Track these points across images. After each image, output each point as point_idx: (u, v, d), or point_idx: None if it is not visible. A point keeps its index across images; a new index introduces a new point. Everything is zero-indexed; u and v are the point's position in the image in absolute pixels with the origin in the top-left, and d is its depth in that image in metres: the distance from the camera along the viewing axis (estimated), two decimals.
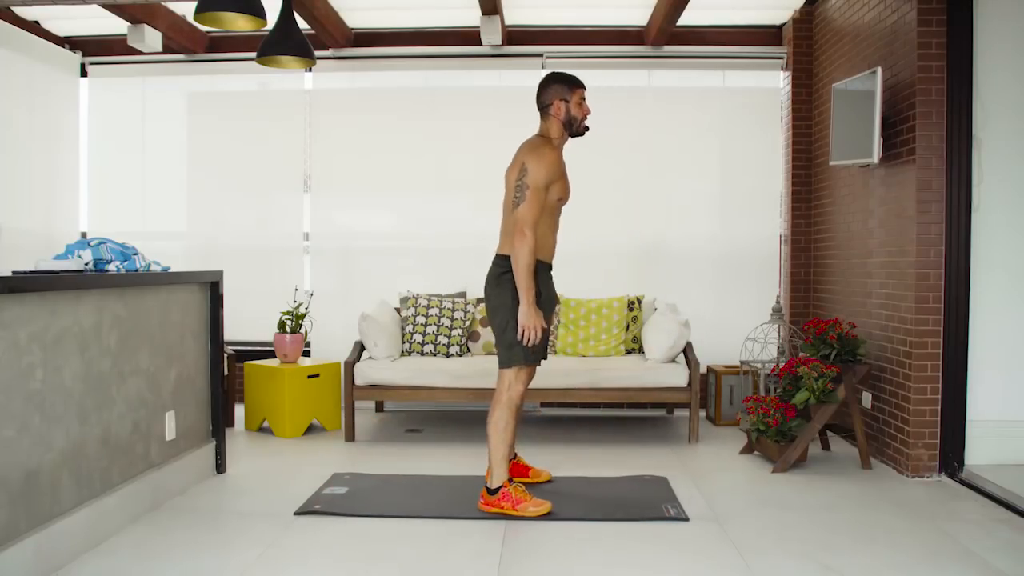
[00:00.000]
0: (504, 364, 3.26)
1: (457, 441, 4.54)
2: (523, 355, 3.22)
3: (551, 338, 5.05)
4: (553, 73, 3.38)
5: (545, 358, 3.37)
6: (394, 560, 2.75)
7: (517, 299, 3.21)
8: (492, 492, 3.23)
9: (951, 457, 3.76)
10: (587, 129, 3.38)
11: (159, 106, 5.77)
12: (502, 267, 3.28)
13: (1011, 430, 3.82)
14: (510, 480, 3.26)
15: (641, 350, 4.97)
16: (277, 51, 4.11)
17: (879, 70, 3.85)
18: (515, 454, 3.61)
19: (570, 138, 3.37)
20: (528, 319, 3.15)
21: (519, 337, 3.17)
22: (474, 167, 5.56)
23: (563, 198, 3.34)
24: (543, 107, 3.35)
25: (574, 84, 3.34)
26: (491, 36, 5.12)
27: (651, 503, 3.31)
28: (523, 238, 3.14)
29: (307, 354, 5.46)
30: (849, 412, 4.03)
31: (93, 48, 5.69)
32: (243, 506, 3.35)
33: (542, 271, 3.34)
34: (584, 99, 3.34)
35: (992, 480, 3.57)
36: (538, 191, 3.17)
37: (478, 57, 5.55)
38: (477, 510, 3.25)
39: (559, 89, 3.32)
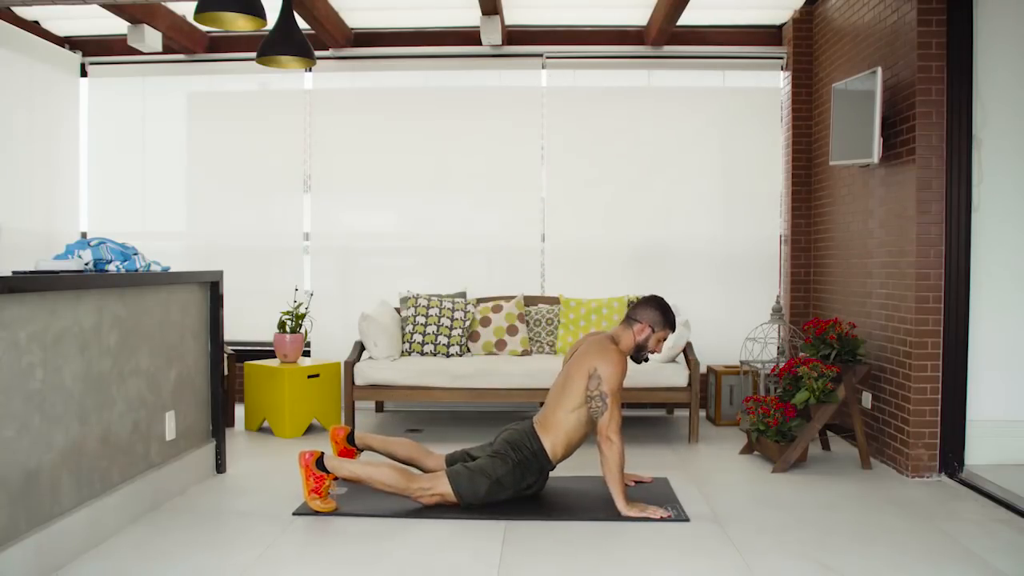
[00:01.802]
0: (455, 483, 3.20)
1: (457, 441, 4.53)
2: (467, 497, 3.20)
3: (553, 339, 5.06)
4: (660, 300, 3.40)
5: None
6: (394, 560, 2.75)
7: (516, 475, 3.25)
8: (320, 465, 3.21)
9: (951, 457, 3.76)
10: (646, 360, 3.42)
11: (159, 106, 5.77)
12: (535, 452, 3.30)
13: (1011, 430, 3.82)
14: (334, 479, 3.23)
15: None
16: (277, 51, 4.11)
17: (879, 70, 3.85)
18: (355, 444, 3.59)
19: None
20: (628, 511, 3.16)
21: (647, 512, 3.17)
22: (475, 167, 5.57)
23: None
24: (632, 319, 3.37)
25: (669, 324, 3.38)
26: (491, 36, 5.13)
27: (651, 503, 3.31)
28: (611, 444, 3.17)
29: (307, 354, 5.46)
30: (849, 412, 4.03)
31: (93, 48, 5.69)
32: (243, 506, 3.35)
33: (546, 472, 3.37)
34: (665, 340, 3.39)
35: (992, 480, 3.57)
36: (615, 396, 3.20)
37: (478, 57, 5.55)
38: (297, 457, 3.28)
39: (655, 317, 3.36)
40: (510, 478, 3.24)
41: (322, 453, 3.26)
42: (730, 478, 3.81)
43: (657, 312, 3.36)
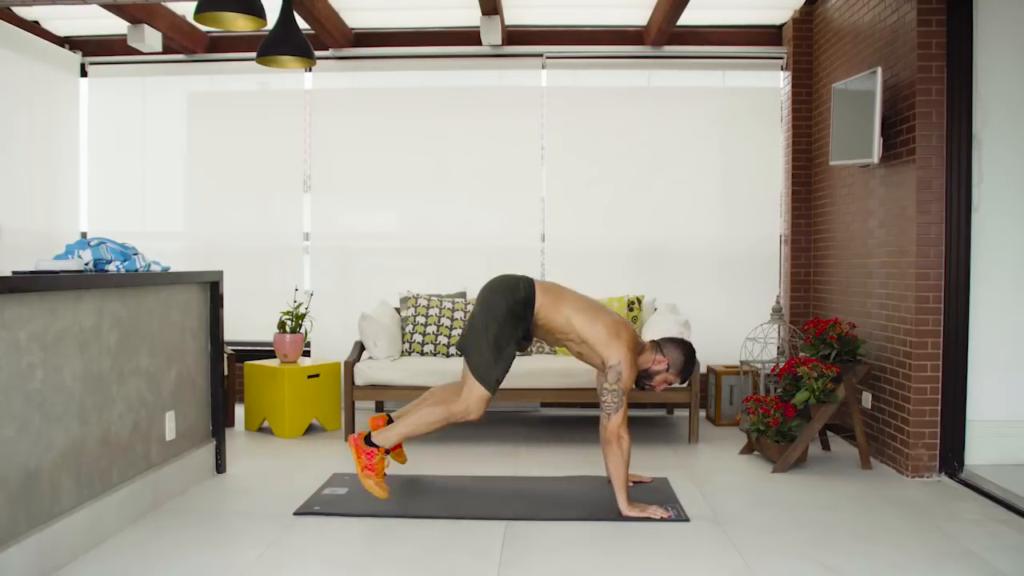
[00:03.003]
0: (476, 376, 3.24)
1: (457, 441, 4.54)
2: (492, 382, 3.23)
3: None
4: (691, 352, 3.40)
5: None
6: (394, 560, 2.75)
7: (510, 324, 3.24)
8: (368, 441, 3.28)
9: (951, 457, 3.76)
10: (643, 388, 3.41)
11: (159, 106, 5.77)
12: (526, 299, 3.28)
13: (1011, 430, 3.82)
14: (386, 452, 3.30)
15: None
16: (277, 51, 4.11)
17: (879, 70, 3.85)
18: (400, 445, 3.60)
19: (631, 386, 3.33)
20: (630, 510, 3.17)
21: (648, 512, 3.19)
22: (474, 167, 5.57)
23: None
24: (660, 347, 3.37)
25: (682, 374, 3.38)
26: (491, 36, 5.12)
27: (651, 503, 3.31)
28: (621, 442, 3.19)
29: (307, 354, 5.46)
30: (849, 412, 4.03)
31: (93, 48, 5.69)
32: (243, 506, 3.35)
33: (529, 322, 3.33)
34: (667, 384, 3.39)
35: (992, 480, 3.57)
36: (627, 395, 3.22)
37: (478, 57, 5.55)
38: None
39: (678, 362, 3.35)
40: (506, 330, 3.23)
41: (368, 432, 3.33)
42: (730, 478, 3.81)
43: (682, 358, 3.36)
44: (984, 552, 2.83)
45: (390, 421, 3.52)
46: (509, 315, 3.25)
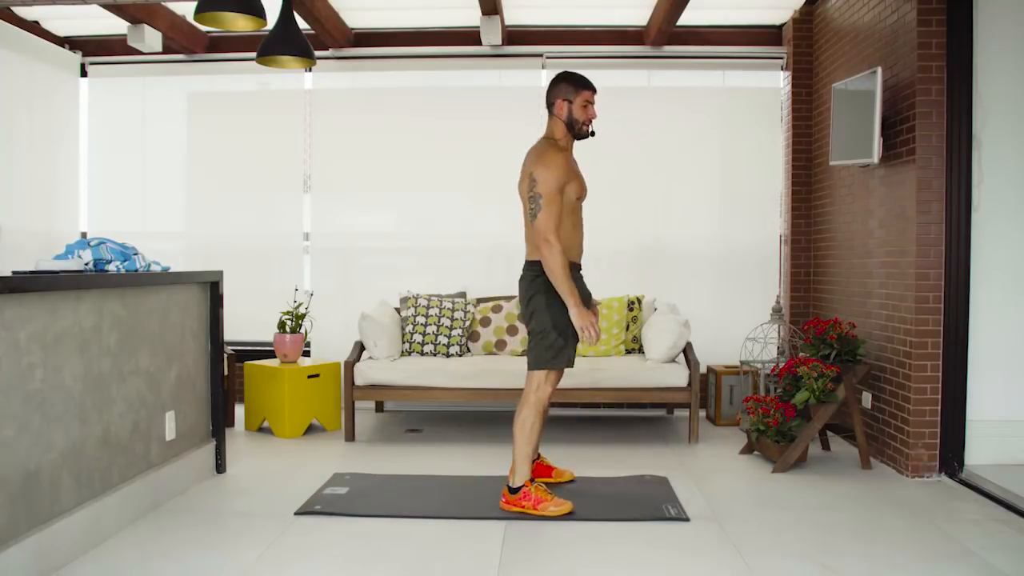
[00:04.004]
0: (534, 366, 3.26)
1: (457, 441, 4.54)
2: (554, 359, 3.22)
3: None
4: (563, 72, 3.33)
5: (572, 365, 3.33)
6: (394, 560, 2.75)
7: (553, 302, 3.20)
8: (513, 491, 3.24)
9: (951, 457, 3.76)
10: (591, 134, 3.33)
11: (159, 106, 5.77)
12: (533, 271, 3.27)
13: (1011, 430, 3.82)
14: (531, 480, 3.26)
15: (641, 350, 4.97)
16: (277, 51, 4.11)
17: (879, 70, 3.85)
18: (538, 455, 3.62)
19: (575, 140, 3.32)
20: (581, 319, 3.12)
21: (584, 339, 3.15)
22: (474, 167, 5.57)
23: (580, 196, 3.33)
24: (548, 106, 3.33)
25: (580, 85, 3.28)
26: (491, 36, 5.12)
27: (651, 503, 3.31)
28: (549, 246, 3.12)
29: (307, 354, 5.46)
30: (849, 412, 4.03)
31: (93, 48, 5.69)
32: (243, 506, 3.35)
33: (572, 271, 3.30)
34: (590, 102, 3.29)
35: (992, 480, 3.57)
36: (551, 197, 3.15)
37: (478, 57, 5.54)
38: (499, 509, 3.24)
39: (564, 89, 3.28)
40: (556, 311, 3.19)
41: (507, 485, 3.27)
42: (730, 478, 3.81)
43: (562, 83, 3.27)
44: (984, 552, 2.83)
45: (544, 461, 3.62)
46: (547, 296, 3.19)
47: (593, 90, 3.32)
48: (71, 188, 5.66)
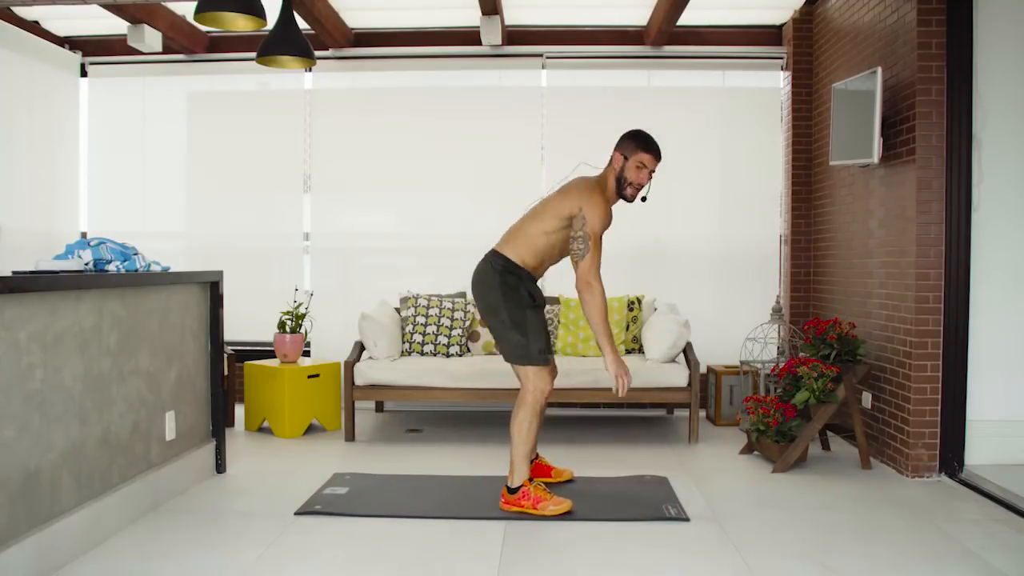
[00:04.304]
0: (518, 361, 3.26)
1: (457, 441, 4.54)
2: (535, 355, 3.22)
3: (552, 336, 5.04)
4: (636, 130, 3.32)
5: (547, 362, 3.34)
6: (394, 560, 2.75)
7: (508, 299, 3.21)
8: (512, 491, 3.24)
9: (951, 457, 3.76)
10: (634, 198, 3.32)
11: (159, 106, 5.77)
12: (503, 267, 3.26)
13: (1011, 430, 3.82)
14: (530, 479, 3.26)
15: (641, 350, 4.97)
16: (277, 51, 4.11)
17: (879, 70, 3.85)
18: (536, 454, 3.62)
19: (618, 198, 3.30)
20: (616, 367, 3.14)
21: (615, 389, 3.16)
22: (474, 167, 5.57)
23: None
24: (610, 160, 3.33)
25: (642, 146, 3.26)
26: (491, 36, 5.12)
27: (651, 503, 3.31)
28: (591, 289, 3.15)
29: (307, 354, 5.46)
30: (849, 412, 4.03)
31: (93, 48, 5.69)
32: (243, 506, 3.35)
33: (528, 279, 3.31)
34: (645, 166, 3.27)
35: (992, 480, 3.57)
36: (597, 241, 3.19)
37: (478, 57, 5.55)
38: (498, 509, 3.24)
39: (627, 144, 3.29)
40: (511, 307, 3.20)
41: (505, 486, 3.28)
42: (730, 478, 3.81)
43: (627, 139, 3.28)
44: (984, 552, 2.83)
45: (542, 461, 3.62)
46: (504, 290, 3.22)
47: (654, 156, 3.29)
48: (71, 188, 5.66)
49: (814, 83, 5.24)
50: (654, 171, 3.32)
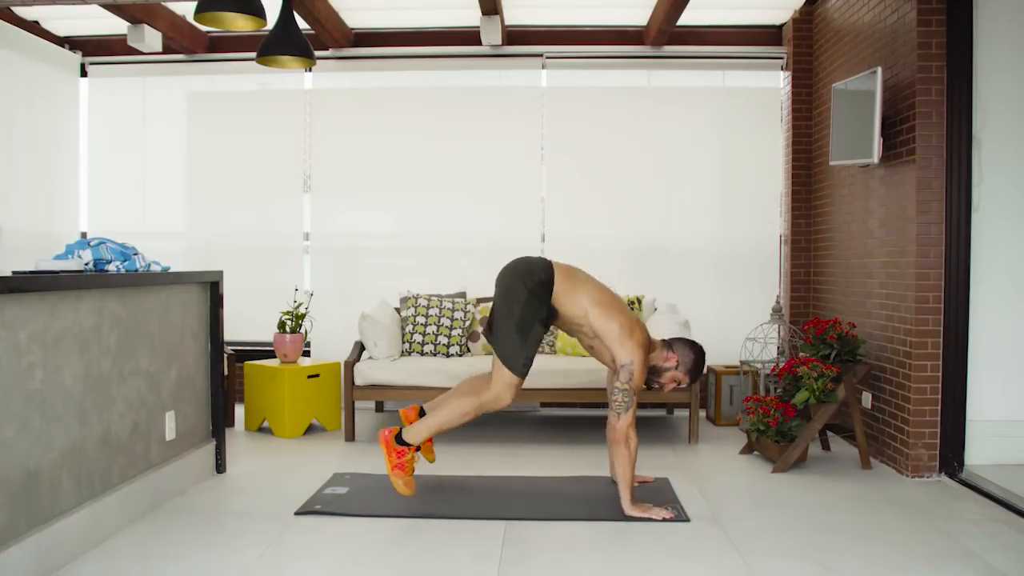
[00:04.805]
0: (502, 360, 3.23)
1: (457, 441, 4.54)
2: (520, 365, 3.22)
3: (552, 340, 5.05)
4: (701, 354, 3.38)
5: (522, 375, 3.31)
6: (394, 560, 2.75)
7: (533, 305, 3.21)
8: (399, 440, 3.28)
9: (951, 457, 3.76)
10: (651, 387, 3.39)
11: (159, 106, 5.77)
12: (542, 283, 3.25)
13: (1011, 430, 3.82)
14: (417, 448, 3.31)
15: None
16: (277, 51, 4.11)
17: (879, 70, 3.85)
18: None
19: (642, 386, 3.33)
20: (633, 511, 3.17)
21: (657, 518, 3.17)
22: (474, 167, 5.57)
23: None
24: (670, 345, 3.36)
25: (691, 374, 3.35)
26: (491, 36, 5.12)
27: (651, 503, 3.31)
28: (629, 444, 3.18)
29: (307, 354, 5.46)
30: (849, 412, 4.03)
31: (93, 48, 5.69)
32: (243, 506, 3.35)
33: (551, 314, 3.30)
34: (679, 384, 3.37)
35: (992, 480, 3.57)
36: (637, 395, 3.21)
37: (478, 57, 5.55)
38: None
39: (688, 361, 3.33)
40: (527, 310, 3.20)
41: (400, 428, 3.31)
42: (730, 478, 3.81)
43: (692, 356, 3.35)
44: (984, 552, 2.83)
45: (422, 412, 3.49)
46: (530, 296, 3.22)
47: (691, 382, 3.41)
48: (71, 188, 5.66)
49: (814, 83, 5.24)
50: None
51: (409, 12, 5.33)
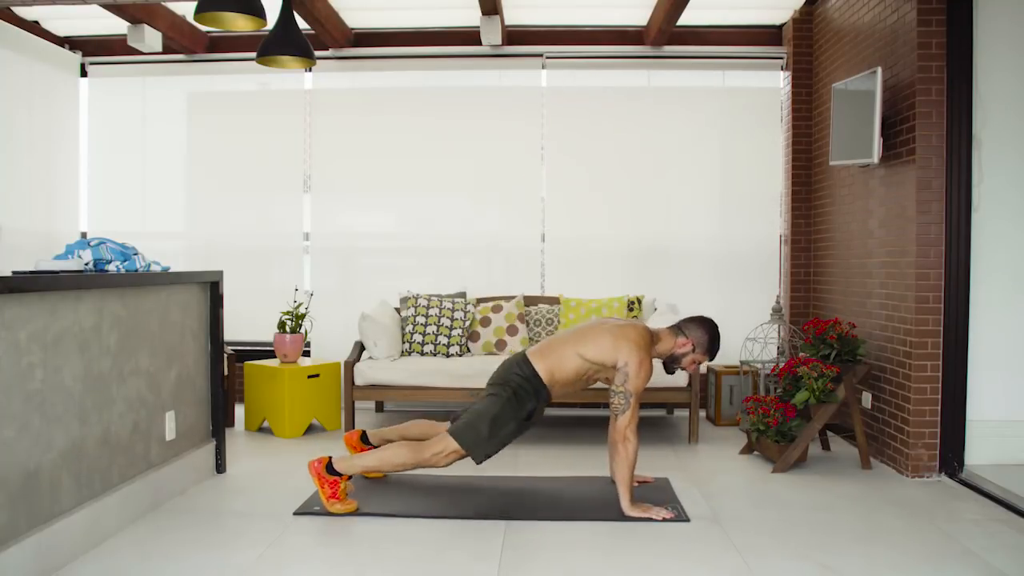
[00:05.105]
0: (459, 438, 3.23)
1: None
2: (478, 452, 3.23)
3: None
4: (714, 327, 3.39)
5: (478, 463, 3.33)
6: (394, 560, 2.75)
7: (512, 406, 3.25)
8: (331, 471, 3.23)
9: (951, 457, 3.76)
10: (673, 372, 3.45)
11: (159, 106, 5.77)
12: (526, 377, 3.29)
13: (1011, 430, 3.82)
14: (349, 478, 3.27)
15: None
16: (277, 51, 4.11)
17: (879, 70, 3.85)
18: (370, 443, 3.65)
19: (658, 358, 3.38)
20: (633, 511, 3.16)
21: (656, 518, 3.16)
22: (474, 167, 5.57)
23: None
24: (680, 329, 3.37)
25: (709, 351, 3.37)
26: (491, 36, 5.12)
27: (651, 503, 3.31)
28: (628, 444, 3.18)
29: (307, 354, 5.46)
30: (849, 412, 4.03)
31: (93, 48, 5.69)
32: (243, 506, 3.35)
33: (543, 399, 3.33)
34: (699, 363, 3.40)
35: (992, 480, 3.57)
36: (639, 397, 3.21)
37: (478, 57, 5.55)
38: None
39: (702, 340, 3.35)
40: (508, 409, 3.24)
41: (330, 458, 3.26)
42: (730, 478, 3.81)
43: (706, 336, 3.36)
44: (984, 552, 2.83)
45: (364, 436, 3.58)
46: (513, 396, 3.26)
47: (710, 360, 3.44)
48: (71, 188, 5.66)
49: (814, 83, 5.24)
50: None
51: (409, 12, 5.33)
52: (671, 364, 3.39)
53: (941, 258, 3.75)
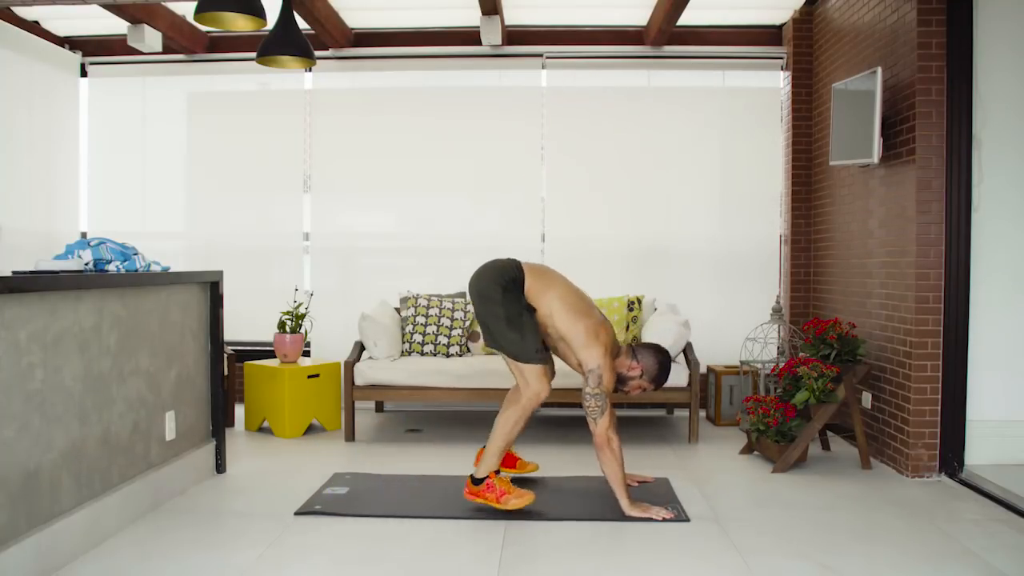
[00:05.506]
0: (516, 358, 3.22)
1: (457, 441, 4.54)
2: (532, 353, 3.21)
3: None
4: (666, 359, 3.37)
5: (545, 361, 3.32)
6: (394, 560, 2.75)
7: (510, 299, 3.21)
8: (477, 482, 3.24)
9: (951, 457, 3.76)
10: (618, 391, 3.36)
11: (159, 106, 5.77)
12: (511, 282, 3.25)
13: (1011, 430, 3.82)
14: (496, 472, 3.26)
15: None
16: (277, 51, 4.11)
17: (879, 70, 3.85)
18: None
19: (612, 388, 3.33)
20: (633, 511, 3.16)
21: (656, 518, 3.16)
22: (474, 167, 5.57)
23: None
24: (635, 353, 3.34)
25: (655, 381, 3.35)
26: (491, 36, 5.13)
27: (651, 503, 3.31)
28: (612, 444, 3.17)
29: (307, 354, 5.46)
30: (849, 412, 4.03)
31: (93, 48, 5.69)
32: (243, 506, 3.35)
33: (529, 309, 3.30)
34: (642, 391, 3.38)
35: (992, 480, 3.57)
36: (610, 396, 3.19)
37: (478, 57, 5.55)
38: (463, 499, 3.25)
39: (652, 369, 3.32)
40: (508, 304, 3.20)
41: (470, 476, 3.27)
42: (730, 478, 3.81)
43: (656, 367, 3.33)
44: (984, 552, 2.83)
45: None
46: (505, 293, 3.22)
47: (657, 388, 3.42)
48: (71, 188, 5.66)
49: (814, 83, 5.24)
50: None
51: (409, 12, 5.33)
52: (617, 384, 3.33)
53: (941, 258, 3.75)
